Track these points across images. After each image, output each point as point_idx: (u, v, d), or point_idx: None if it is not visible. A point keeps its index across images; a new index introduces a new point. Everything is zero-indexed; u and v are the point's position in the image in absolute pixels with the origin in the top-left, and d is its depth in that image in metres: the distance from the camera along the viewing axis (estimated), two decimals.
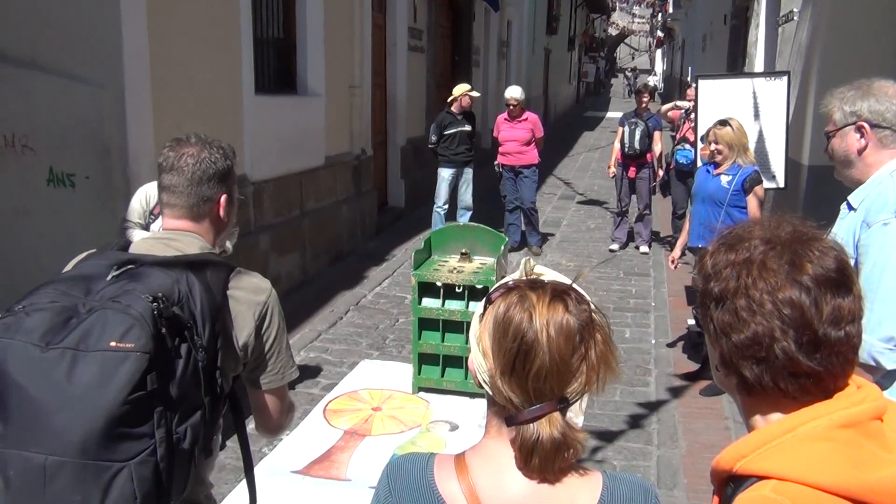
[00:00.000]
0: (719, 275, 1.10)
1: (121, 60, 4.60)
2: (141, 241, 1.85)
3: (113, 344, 1.47)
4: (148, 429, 1.50)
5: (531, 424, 1.13)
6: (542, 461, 1.13)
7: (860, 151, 2.27)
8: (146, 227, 3.84)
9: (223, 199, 1.87)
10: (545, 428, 1.12)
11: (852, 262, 1.24)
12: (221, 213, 1.88)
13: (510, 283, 1.20)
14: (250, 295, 1.79)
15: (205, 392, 1.62)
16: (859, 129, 2.25)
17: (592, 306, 1.17)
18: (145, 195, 3.86)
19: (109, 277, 1.60)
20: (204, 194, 1.83)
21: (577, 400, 1.15)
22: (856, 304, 1.06)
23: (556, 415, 1.13)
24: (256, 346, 1.81)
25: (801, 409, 1.06)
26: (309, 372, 5.28)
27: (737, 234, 1.13)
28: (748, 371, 1.07)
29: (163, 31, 4.98)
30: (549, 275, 1.23)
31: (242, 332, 1.77)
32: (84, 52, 4.58)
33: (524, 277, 1.22)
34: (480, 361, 1.18)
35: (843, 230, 2.27)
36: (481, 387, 1.20)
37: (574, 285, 1.19)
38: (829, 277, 1.04)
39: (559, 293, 1.15)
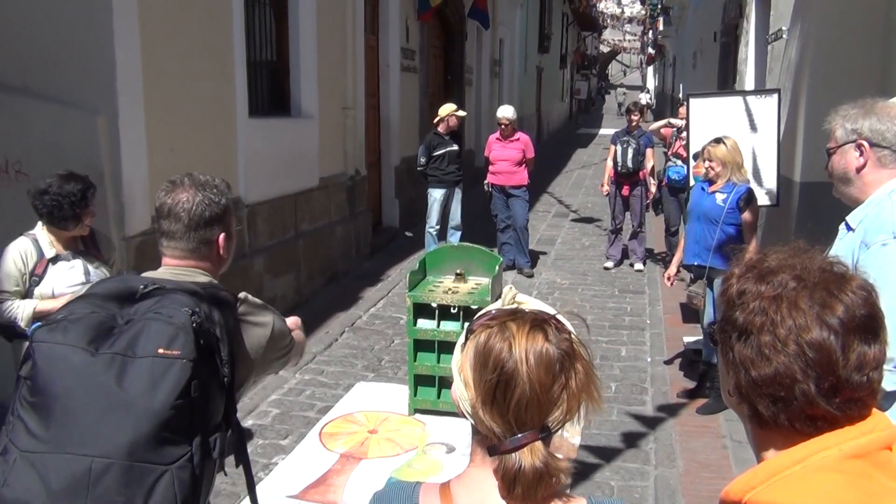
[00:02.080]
0: (746, 306, 1.07)
1: (114, 85, 4.62)
2: (150, 274, 1.91)
3: (161, 351, 1.54)
4: (187, 435, 1.57)
5: (513, 454, 1.13)
6: (525, 490, 1.13)
7: (859, 170, 2.27)
8: (27, 295, 3.33)
9: (222, 237, 1.93)
10: (527, 457, 1.12)
11: None
12: (221, 251, 1.95)
13: (491, 312, 1.21)
14: (258, 317, 1.90)
15: (226, 406, 1.71)
16: (859, 147, 2.26)
17: (573, 335, 1.17)
18: (20, 254, 3.32)
19: (139, 296, 1.67)
20: (203, 237, 1.88)
21: (558, 429, 1.15)
22: (881, 352, 1.04)
23: (538, 444, 1.13)
24: (267, 358, 1.92)
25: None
26: (301, 402, 5.26)
27: (767, 266, 1.10)
28: (763, 407, 1.06)
29: (156, 56, 5.00)
30: (531, 304, 1.24)
31: (252, 350, 1.86)
32: (78, 77, 4.60)
33: (506, 307, 1.23)
34: (462, 391, 1.19)
35: (842, 251, 2.26)
36: (465, 416, 1.20)
37: (557, 315, 1.19)
38: (858, 322, 1.02)
39: (539, 322, 1.15)
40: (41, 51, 4.59)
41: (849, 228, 2.31)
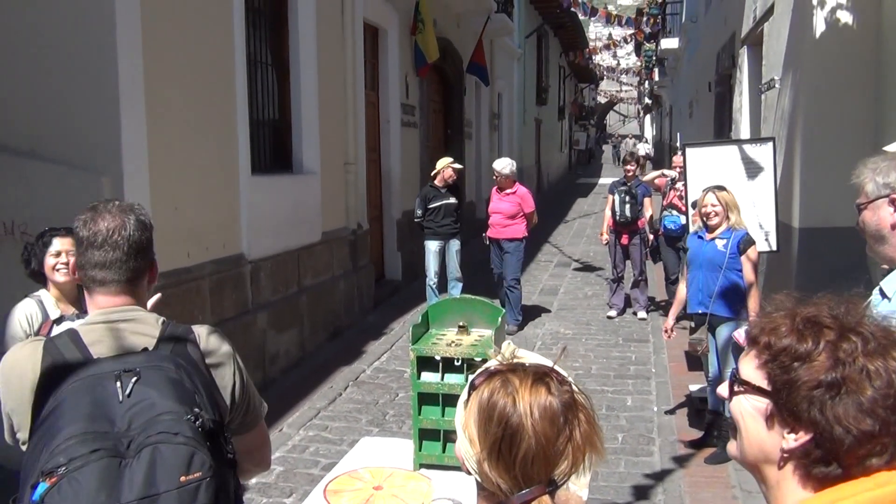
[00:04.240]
0: (840, 362, 1.04)
1: (119, 147, 4.70)
2: (88, 331, 1.72)
3: (183, 479, 1.47)
4: None
5: None
6: None
7: (894, 226, 2.09)
8: None
9: (154, 265, 1.88)
10: None
11: None
12: (154, 280, 1.89)
13: (492, 367, 1.21)
14: (221, 357, 1.82)
15: (233, 475, 1.67)
16: (893, 203, 2.08)
17: (574, 387, 1.18)
18: (26, 315, 3.35)
19: (121, 398, 1.55)
20: (139, 266, 1.80)
21: (564, 482, 1.15)
22: None
23: (546, 498, 1.13)
24: (240, 396, 1.86)
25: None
26: (307, 455, 5.21)
27: (827, 320, 1.08)
28: (871, 461, 1.03)
29: (161, 117, 5.10)
30: (530, 358, 1.25)
31: (227, 391, 1.81)
32: (84, 140, 4.68)
33: (505, 362, 1.23)
34: (467, 448, 1.19)
35: None
36: (470, 474, 1.20)
37: (555, 367, 1.20)
38: None
39: (541, 376, 1.16)
40: (48, 115, 4.68)
41: (883, 296, 2.10)
